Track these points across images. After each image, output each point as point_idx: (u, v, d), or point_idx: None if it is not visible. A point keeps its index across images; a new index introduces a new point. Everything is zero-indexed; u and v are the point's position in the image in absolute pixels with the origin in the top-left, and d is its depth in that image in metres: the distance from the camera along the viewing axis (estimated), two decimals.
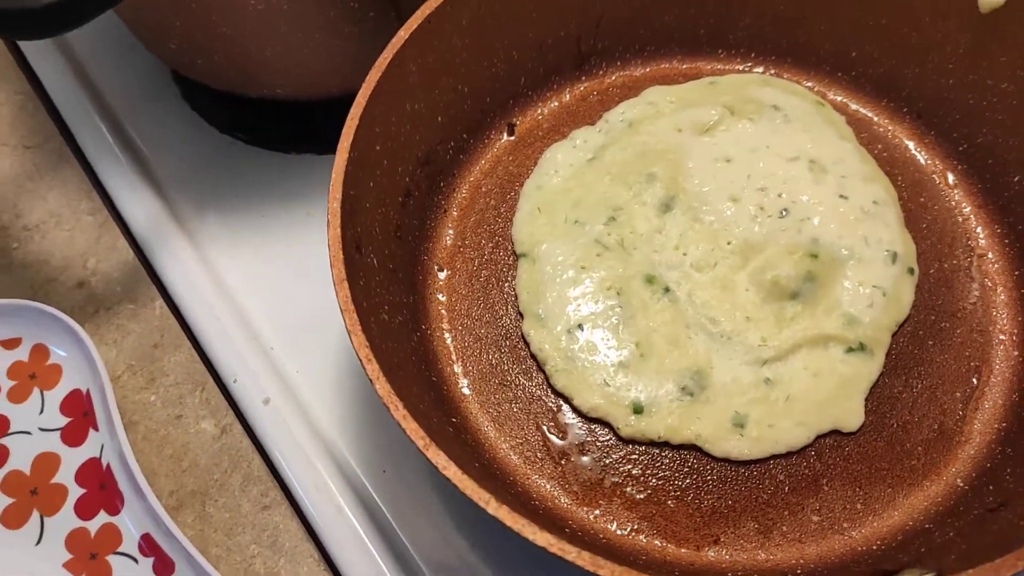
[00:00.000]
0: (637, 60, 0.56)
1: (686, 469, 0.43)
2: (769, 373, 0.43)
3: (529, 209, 0.49)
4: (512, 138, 0.54)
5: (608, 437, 0.43)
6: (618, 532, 0.41)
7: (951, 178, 0.50)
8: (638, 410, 0.42)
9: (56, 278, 0.54)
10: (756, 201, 0.47)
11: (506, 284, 0.48)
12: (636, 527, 0.41)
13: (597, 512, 0.42)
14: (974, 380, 0.44)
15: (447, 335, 0.47)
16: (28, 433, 0.48)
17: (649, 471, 0.43)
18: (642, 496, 0.42)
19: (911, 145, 0.52)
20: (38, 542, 0.45)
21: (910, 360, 0.45)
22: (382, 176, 0.45)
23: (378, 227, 0.44)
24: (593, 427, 0.44)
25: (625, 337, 0.44)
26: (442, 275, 0.49)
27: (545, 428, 0.44)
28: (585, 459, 0.43)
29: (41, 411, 0.49)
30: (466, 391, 0.45)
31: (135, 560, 0.44)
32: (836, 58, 0.53)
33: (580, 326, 0.44)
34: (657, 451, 0.43)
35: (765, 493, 0.42)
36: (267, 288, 0.53)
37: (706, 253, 0.46)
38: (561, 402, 0.44)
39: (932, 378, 0.44)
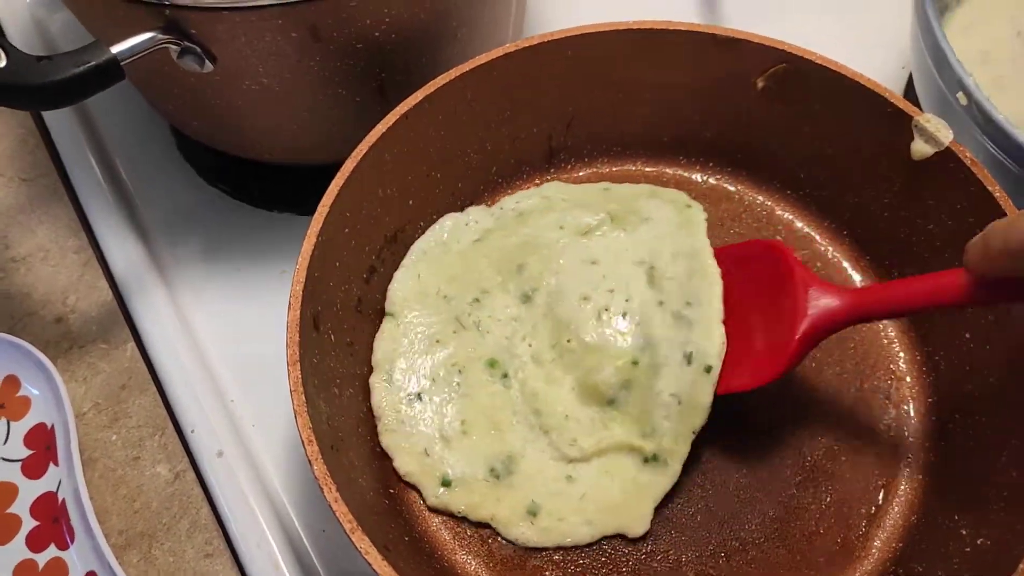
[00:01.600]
0: (604, 158, 0.59)
1: (603, 559, 0.46)
2: (572, 471, 0.46)
3: (410, 273, 0.51)
4: None
5: None
6: None
7: None
8: (446, 483, 0.46)
9: (36, 312, 0.57)
10: (604, 302, 0.49)
11: None
12: None
13: None
14: (880, 498, 0.47)
15: None
16: None
17: (569, 557, 0.46)
18: None
19: (848, 266, 0.55)
20: None
21: (822, 474, 0.48)
22: (348, 255, 0.48)
23: (339, 303, 0.48)
24: None
25: (454, 413, 0.47)
26: None
27: None
28: (511, 543, 0.46)
29: (5, 441, 0.52)
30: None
31: None
32: (786, 177, 0.57)
33: (419, 395, 0.48)
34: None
35: None
36: (234, 341, 0.55)
37: (547, 347, 0.48)
38: None
39: (841, 493, 0.48)
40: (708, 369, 0.45)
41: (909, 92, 0.63)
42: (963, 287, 0.38)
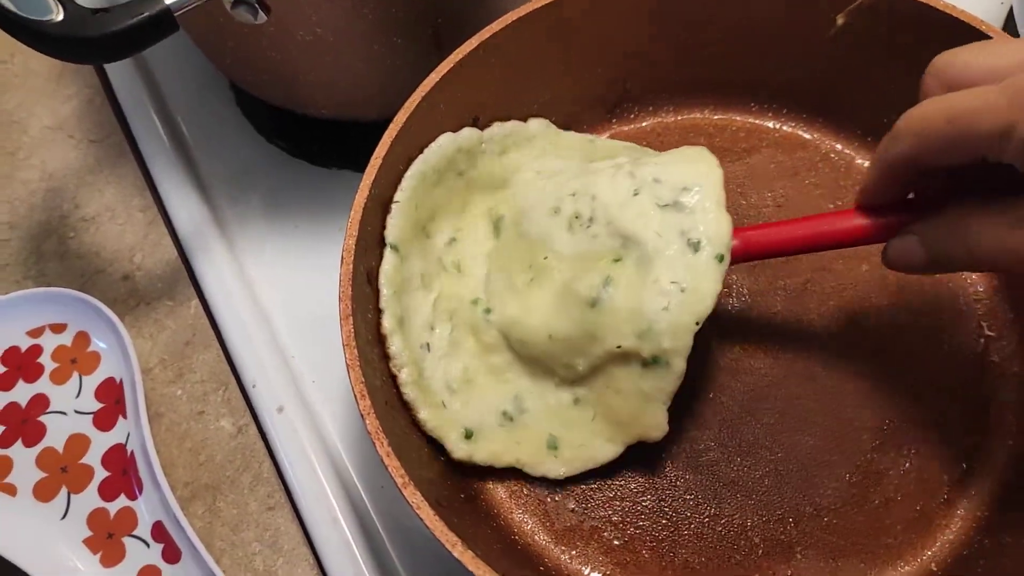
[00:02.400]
0: (669, 106, 0.57)
1: (664, 521, 0.44)
2: (577, 394, 0.44)
3: (409, 204, 0.46)
4: None
5: (592, 482, 0.45)
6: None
7: None
8: (468, 435, 0.44)
9: (104, 269, 0.58)
10: (572, 209, 0.44)
11: None
12: (608, 572, 0.43)
13: (573, 553, 0.44)
14: (964, 465, 0.44)
15: None
16: (64, 414, 0.52)
17: (628, 519, 0.44)
18: (618, 543, 0.44)
19: None
20: (63, 516, 0.49)
21: (903, 437, 0.45)
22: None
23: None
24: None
25: (455, 362, 0.45)
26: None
27: None
28: (570, 502, 0.45)
29: (78, 394, 0.53)
30: None
31: (147, 544, 0.48)
32: (868, 122, 0.53)
33: (428, 344, 0.45)
34: (638, 499, 0.44)
35: (739, 554, 0.43)
36: (294, 298, 0.56)
37: (522, 271, 0.45)
38: None
39: (923, 458, 0.45)
40: (720, 258, 0.40)
41: (1009, 24, 0.58)
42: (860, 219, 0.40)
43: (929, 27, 0.46)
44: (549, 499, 0.45)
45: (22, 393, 0.53)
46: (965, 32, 0.45)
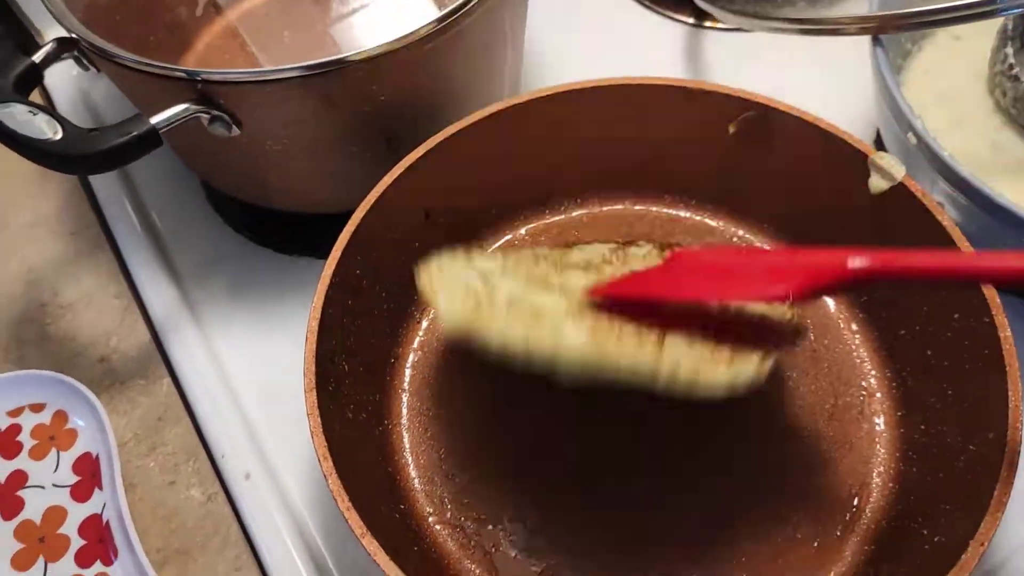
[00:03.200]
0: (595, 199, 0.65)
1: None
2: None
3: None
4: None
5: (529, 535, 0.51)
6: None
7: (854, 326, 0.58)
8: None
9: (82, 353, 0.63)
10: None
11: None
12: None
13: None
14: (854, 504, 0.51)
15: (405, 430, 0.55)
16: (42, 488, 0.56)
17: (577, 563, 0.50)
18: None
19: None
20: None
21: (796, 487, 0.52)
22: (360, 294, 0.54)
23: (353, 337, 0.53)
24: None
25: None
26: (407, 375, 0.57)
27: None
28: (512, 551, 0.50)
29: (56, 469, 0.57)
30: (415, 482, 0.53)
31: None
32: (762, 212, 0.62)
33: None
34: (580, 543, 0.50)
35: None
36: (260, 375, 0.61)
37: None
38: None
39: (818, 500, 0.51)
40: None
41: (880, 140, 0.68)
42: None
43: (803, 135, 0.55)
44: (495, 550, 0.50)
45: (1, 470, 0.57)
46: (829, 138, 0.54)
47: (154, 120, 0.49)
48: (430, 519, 0.52)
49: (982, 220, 0.51)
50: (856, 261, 0.39)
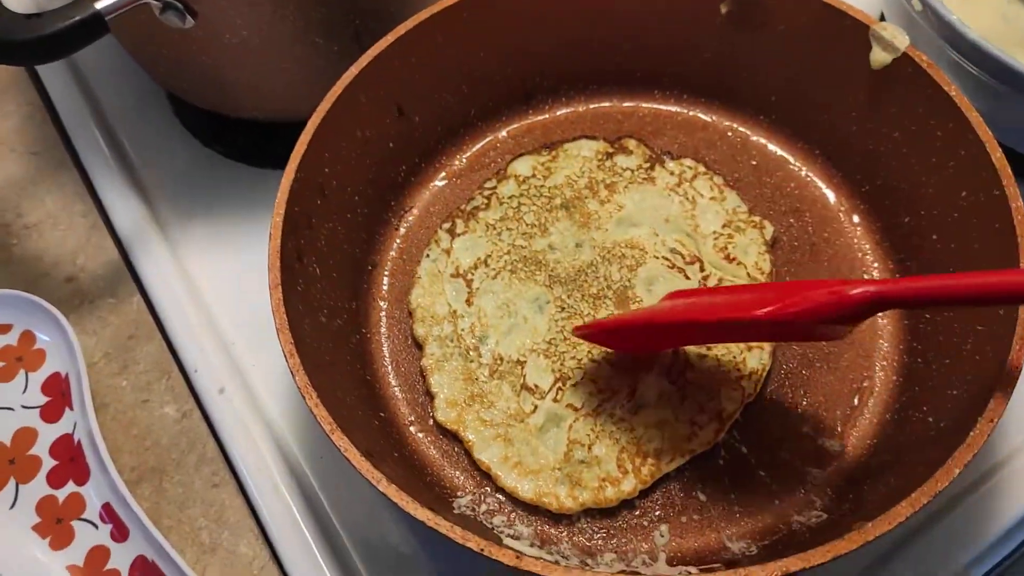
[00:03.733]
0: (580, 96, 0.61)
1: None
2: None
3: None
4: (463, 165, 0.59)
5: None
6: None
7: (855, 217, 0.55)
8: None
9: (48, 273, 0.60)
10: None
11: None
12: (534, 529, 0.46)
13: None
14: (855, 400, 0.49)
15: (384, 339, 0.53)
16: (11, 409, 0.54)
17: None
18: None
19: (821, 185, 0.56)
20: (12, 506, 0.51)
21: (798, 380, 0.49)
22: (330, 194, 0.51)
23: (323, 239, 0.50)
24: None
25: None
26: (385, 284, 0.55)
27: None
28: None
29: (24, 390, 0.55)
30: (396, 390, 0.51)
31: (95, 526, 0.50)
32: (758, 102, 0.58)
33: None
34: None
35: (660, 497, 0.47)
36: (232, 289, 0.58)
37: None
38: None
39: (817, 396, 0.49)
40: None
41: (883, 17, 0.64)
42: None
43: (800, 10, 0.52)
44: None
45: None
46: (828, 10, 0.50)
47: (99, 5, 0.45)
48: (411, 428, 0.50)
49: (993, 92, 0.47)
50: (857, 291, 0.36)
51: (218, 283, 0.59)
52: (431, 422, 0.50)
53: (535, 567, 0.34)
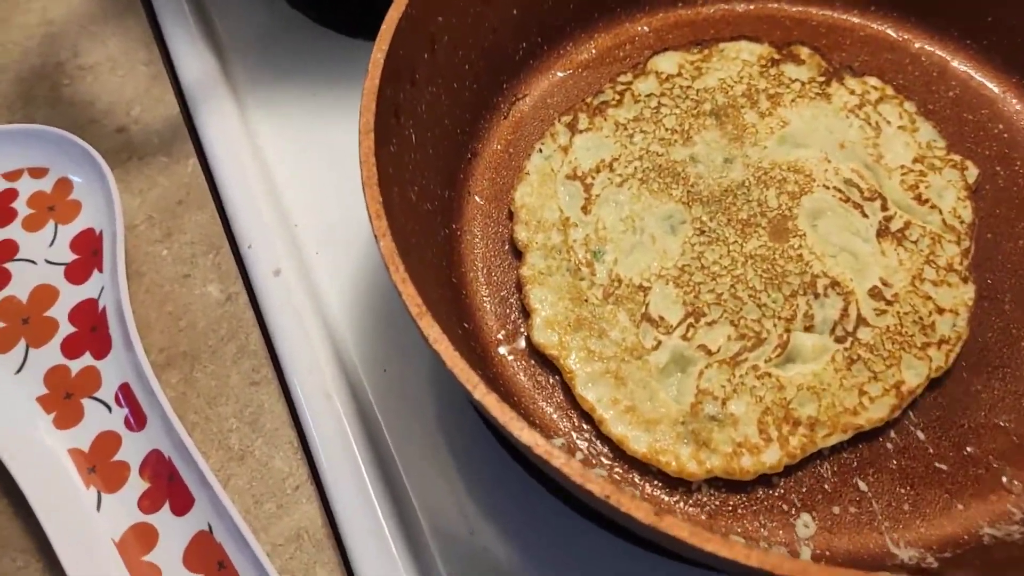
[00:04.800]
0: None
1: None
2: None
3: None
4: (591, 56, 0.50)
5: None
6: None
7: None
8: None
9: (98, 120, 0.52)
10: None
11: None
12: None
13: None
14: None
15: (477, 240, 0.43)
16: (33, 263, 0.46)
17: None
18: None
19: None
20: (18, 370, 0.43)
21: (996, 358, 0.39)
22: (440, 51, 0.41)
23: (425, 104, 0.41)
24: None
25: None
26: (486, 179, 0.45)
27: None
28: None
29: (52, 243, 0.47)
30: (485, 301, 0.41)
31: (108, 408, 0.42)
32: (967, 21, 0.47)
33: None
34: None
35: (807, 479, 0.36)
36: (304, 167, 0.49)
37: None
38: None
39: (1019, 383, 0.38)
40: None
41: None
42: None
43: None
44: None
45: None
46: None
47: None
48: (500, 348, 0.40)
49: None
50: None
51: (289, 157, 0.50)
52: (523, 343, 0.40)
53: (696, 537, 0.24)
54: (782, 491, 0.36)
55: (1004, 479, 0.36)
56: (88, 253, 0.46)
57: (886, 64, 0.48)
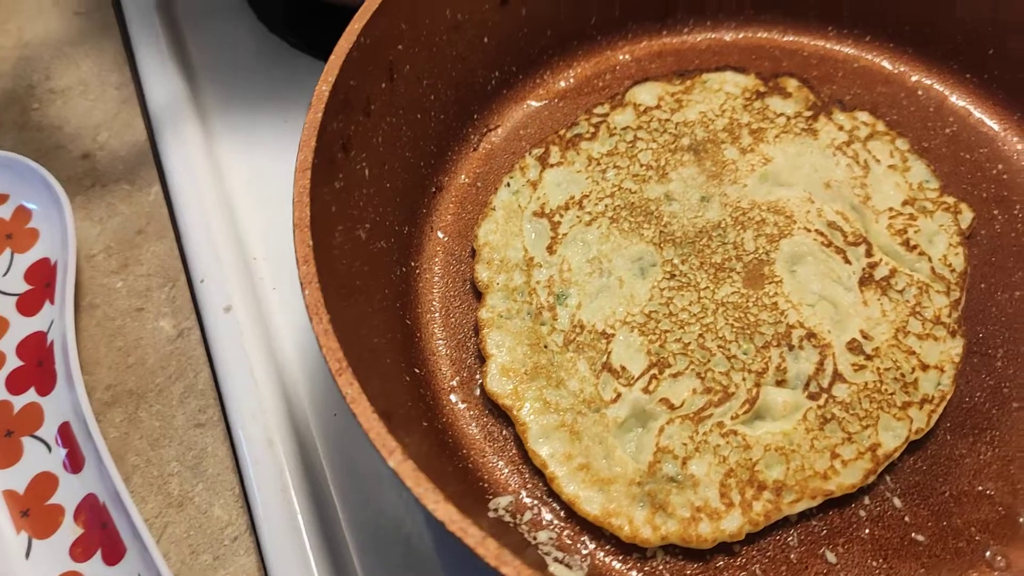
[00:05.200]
0: (731, 23, 0.48)
1: None
2: None
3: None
4: (569, 85, 0.47)
5: None
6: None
7: None
8: None
9: (64, 145, 0.51)
10: None
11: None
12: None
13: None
14: None
15: (437, 279, 0.41)
16: None
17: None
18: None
19: None
20: None
21: (983, 419, 0.36)
22: (400, 80, 0.39)
23: (382, 136, 0.39)
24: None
25: None
26: (449, 214, 0.43)
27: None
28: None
29: (7, 272, 0.46)
30: (440, 344, 0.39)
31: (48, 448, 0.40)
32: (967, 55, 0.44)
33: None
34: None
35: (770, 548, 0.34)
36: (267, 197, 0.48)
37: None
38: None
39: (1008, 447, 0.35)
40: None
41: None
42: None
43: None
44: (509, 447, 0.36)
45: None
46: None
47: None
48: (452, 395, 0.38)
49: None
50: None
51: (252, 186, 0.48)
52: (478, 391, 0.38)
53: None
54: (743, 560, 0.33)
55: (987, 554, 0.33)
56: (41, 284, 0.45)
57: (880, 98, 0.45)
